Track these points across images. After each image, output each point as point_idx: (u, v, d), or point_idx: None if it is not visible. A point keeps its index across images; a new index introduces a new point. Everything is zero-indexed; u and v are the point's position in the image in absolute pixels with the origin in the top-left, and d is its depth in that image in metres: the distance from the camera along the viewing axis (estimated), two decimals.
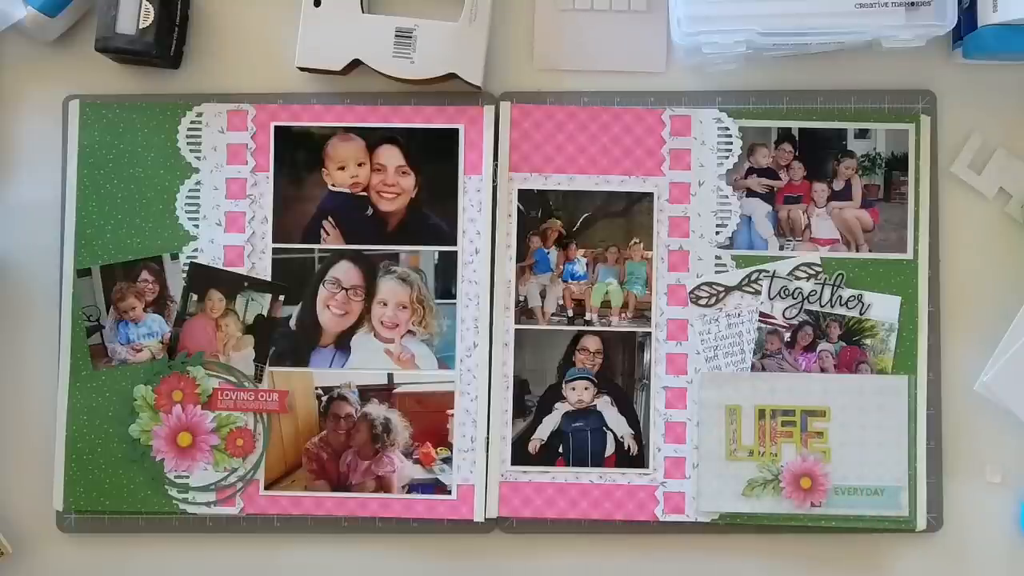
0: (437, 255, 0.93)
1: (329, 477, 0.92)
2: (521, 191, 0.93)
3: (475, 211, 0.92)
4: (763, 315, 0.92)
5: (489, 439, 0.92)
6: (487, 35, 0.91)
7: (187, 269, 0.93)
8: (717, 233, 0.93)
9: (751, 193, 0.93)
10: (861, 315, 0.92)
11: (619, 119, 0.93)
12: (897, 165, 0.92)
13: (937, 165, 0.92)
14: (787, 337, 0.92)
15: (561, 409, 0.92)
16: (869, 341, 0.92)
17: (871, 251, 0.92)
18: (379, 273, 0.93)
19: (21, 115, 0.95)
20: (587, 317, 0.93)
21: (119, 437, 0.92)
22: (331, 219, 0.93)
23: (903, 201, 0.92)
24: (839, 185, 0.93)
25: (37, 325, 0.94)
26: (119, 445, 0.92)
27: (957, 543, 0.91)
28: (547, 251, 0.93)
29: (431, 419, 0.92)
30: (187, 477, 0.92)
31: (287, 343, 0.93)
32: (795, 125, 0.92)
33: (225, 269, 0.93)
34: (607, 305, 0.93)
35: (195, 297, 0.93)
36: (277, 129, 0.93)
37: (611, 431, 0.92)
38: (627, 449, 0.92)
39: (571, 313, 0.93)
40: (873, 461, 0.91)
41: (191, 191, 0.93)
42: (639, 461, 0.92)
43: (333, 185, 0.93)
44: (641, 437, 0.92)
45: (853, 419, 0.91)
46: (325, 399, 0.92)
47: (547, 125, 0.93)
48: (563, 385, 0.92)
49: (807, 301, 0.92)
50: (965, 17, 0.89)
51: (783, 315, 0.92)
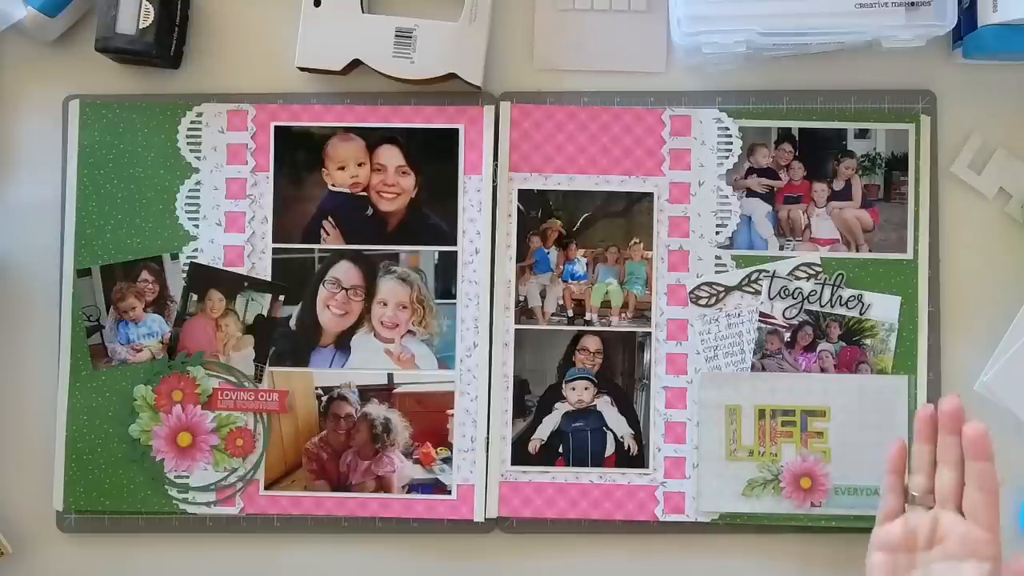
0: (437, 255, 0.93)
1: (329, 477, 0.92)
2: (521, 191, 0.93)
3: (475, 211, 0.92)
4: (763, 315, 0.92)
5: (489, 439, 0.92)
6: (487, 35, 0.91)
7: (187, 269, 0.92)
8: (717, 233, 0.93)
9: (751, 193, 0.93)
10: (861, 315, 0.91)
11: (619, 119, 0.93)
12: (897, 165, 0.92)
13: (937, 165, 0.92)
14: (787, 337, 0.92)
15: (561, 409, 0.92)
16: (869, 341, 0.92)
17: (871, 251, 0.92)
18: (379, 273, 0.93)
19: (21, 115, 0.95)
20: (587, 317, 0.93)
21: (119, 437, 0.92)
22: (331, 219, 0.93)
23: (903, 201, 0.92)
24: (839, 185, 0.92)
25: (37, 325, 0.94)
26: (119, 445, 0.92)
27: None
28: (547, 251, 0.93)
29: (431, 419, 0.92)
30: (187, 477, 0.92)
31: (287, 343, 0.93)
32: (795, 125, 0.92)
33: (225, 269, 0.93)
34: (607, 305, 0.93)
35: (195, 297, 0.93)
36: (277, 129, 0.93)
37: (611, 431, 0.92)
38: (627, 449, 0.92)
39: (571, 313, 0.93)
40: (873, 461, 0.90)
41: (191, 191, 0.93)
42: (639, 461, 0.92)
43: (333, 185, 0.93)
44: (641, 437, 0.92)
45: (853, 419, 0.91)
46: (325, 399, 0.92)
47: (547, 125, 0.93)
48: (563, 385, 0.92)
49: (807, 301, 0.92)
50: (965, 17, 0.89)
51: (783, 315, 0.92)
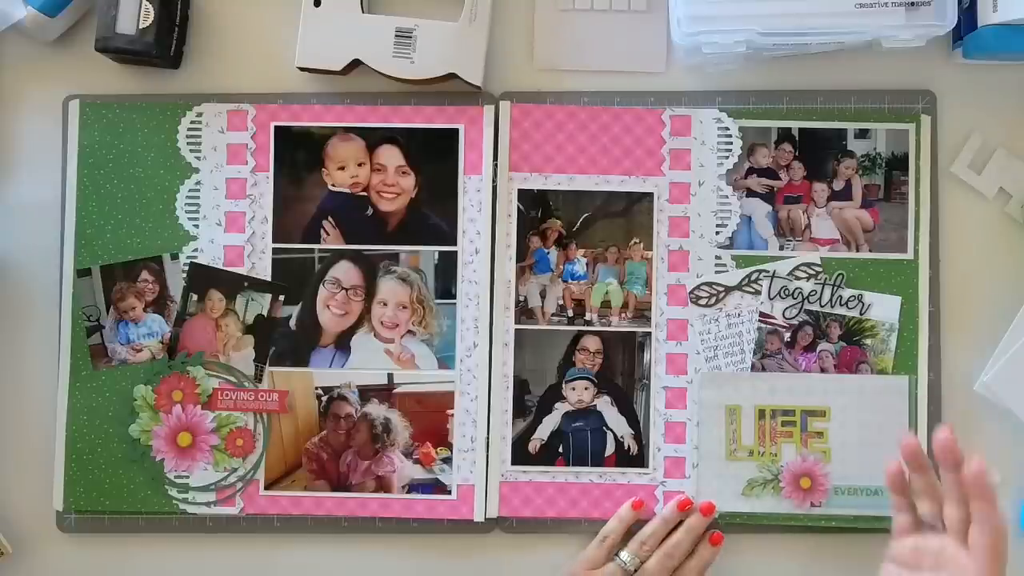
0: (437, 255, 0.93)
1: (329, 477, 0.92)
2: (521, 191, 0.93)
3: (475, 211, 0.92)
4: (763, 315, 0.92)
5: (489, 439, 0.92)
6: (487, 35, 0.91)
7: (187, 269, 0.93)
8: (717, 233, 0.92)
9: (751, 193, 0.93)
10: (861, 315, 0.91)
11: (619, 119, 0.93)
12: (897, 165, 0.92)
13: (937, 165, 0.92)
14: (787, 337, 0.92)
15: (561, 409, 0.92)
16: (869, 341, 0.92)
17: (871, 251, 0.92)
18: (379, 273, 0.93)
19: (21, 115, 0.95)
20: (587, 317, 0.93)
21: (119, 437, 0.92)
22: (331, 219, 0.93)
23: (903, 201, 0.92)
24: (839, 185, 0.92)
25: (37, 325, 0.94)
26: (119, 445, 0.92)
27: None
28: (547, 251, 0.93)
29: (431, 419, 0.92)
30: (187, 477, 0.92)
31: (287, 343, 0.93)
32: (795, 125, 0.92)
33: (225, 269, 0.93)
34: (607, 305, 0.93)
35: (195, 297, 0.93)
36: (277, 129, 0.93)
37: (611, 431, 0.92)
38: (627, 449, 0.92)
39: (571, 313, 0.93)
40: (873, 461, 0.91)
41: (191, 191, 0.93)
42: (639, 461, 0.92)
43: (333, 185, 0.93)
44: (641, 437, 0.92)
45: (853, 419, 0.91)
46: (325, 399, 0.92)
47: (547, 125, 0.93)
48: (563, 385, 0.92)
49: (807, 301, 0.92)
50: (965, 17, 0.89)
51: (783, 315, 0.92)
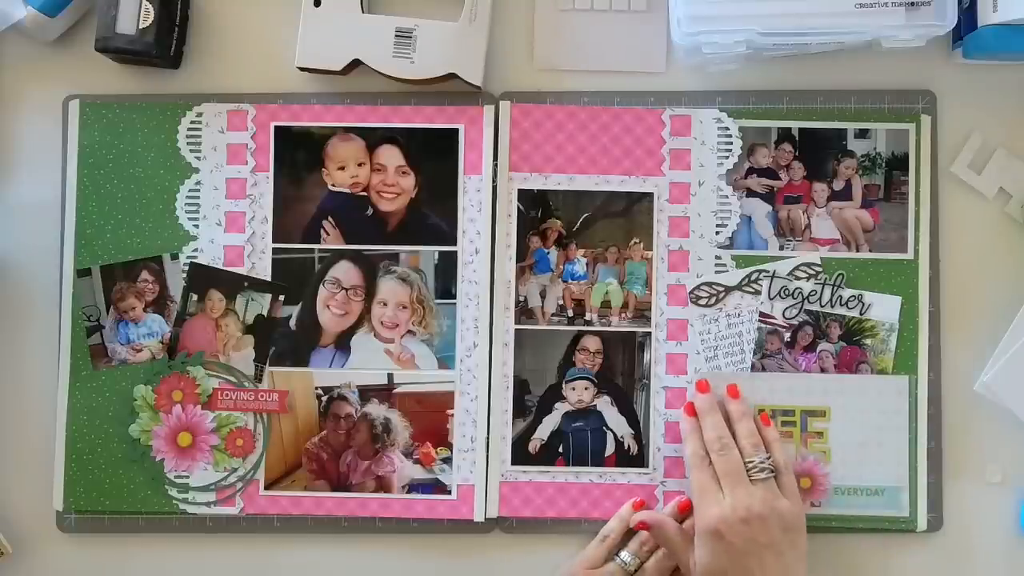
0: (437, 255, 0.93)
1: (329, 477, 0.92)
2: (521, 191, 0.93)
3: (475, 211, 0.92)
4: (763, 315, 0.92)
5: (489, 439, 0.92)
6: (487, 35, 0.91)
7: (187, 269, 0.92)
8: (717, 233, 0.92)
9: (751, 193, 0.93)
10: (861, 315, 0.91)
11: (619, 119, 0.93)
12: (897, 165, 0.92)
13: (937, 165, 0.92)
14: (787, 337, 0.92)
15: (561, 409, 0.92)
16: (869, 341, 0.92)
17: (871, 251, 0.92)
18: (379, 273, 0.93)
19: (21, 115, 0.95)
20: (587, 317, 0.93)
21: (119, 437, 0.92)
22: (331, 219, 0.93)
23: (903, 201, 0.92)
24: (839, 185, 0.92)
25: (37, 325, 0.94)
26: (119, 445, 0.92)
27: (957, 543, 0.91)
28: (547, 251, 0.93)
29: (431, 419, 0.92)
30: (187, 477, 0.92)
31: (287, 343, 0.93)
32: (795, 125, 0.92)
33: (225, 269, 0.93)
34: (607, 305, 0.93)
35: (195, 297, 0.93)
36: (277, 129, 0.93)
37: (611, 431, 0.92)
38: (627, 449, 0.92)
39: (571, 313, 0.93)
40: (873, 461, 0.91)
41: (191, 191, 0.93)
42: (639, 461, 0.92)
43: (333, 185, 0.93)
44: (641, 437, 0.92)
45: (853, 419, 0.91)
46: (325, 399, 0.92)
47: (547, 125, 0.93)
48: (563, 385, 0.92)
49: (807, 301, 0.92)
50: (965, 17, 0.89)
51: (783, 315, 0.92)
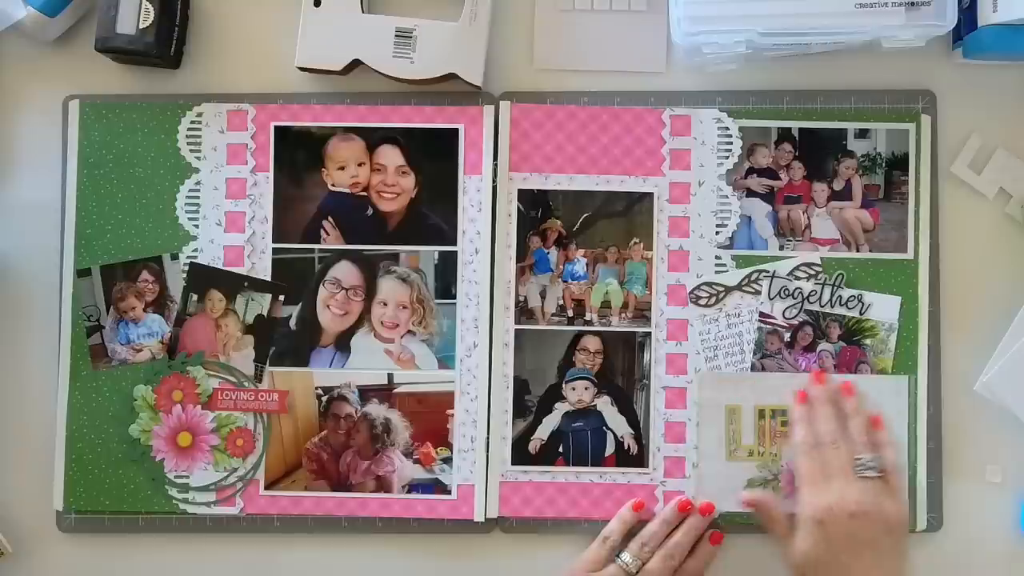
0: (437, 255, 0.93)
1: (329, 477, 0.92)
2: (521, 191, 0.93)
3: (475, 211, 0.92)
4: (763, 315, 0.92)
5: (489, 439, 0.92)
6: (487, 35, 0.91)
7: (187, 269, 0.93)
8: (717, 233, 0.92)
9: (751, 193, 0.93)
10: (861, 315, 0.91)
11: (619, 119, 0.93)
12: (897, 165, 0.92)
13: (937, 165, 0.92)
14: (787, 337, 0.92)
15: (561, 409, 0.92)
16: (869, 341, 0.92)
17: (871, 251, 0.92)
18: (379, 273, 0.93)
19: (21, 115, 0.95)
20: (587, 317, 0.93)
21: (119, 437, 0.92)
22: (331, 219, 0.93)
23: (903, 201, 0.92)
24: (839, 185, 0.92)
25: (37, 325, 0.94)
26: (119, 445, 0.92)
27: (957, 543, 0.91)
28: (547, 251, 0.93)
29: (431, 419, 0.92)
30: (187, 477, 0.92)
31: (287, 343, 0.93)
32: (795, 125, 0.92)
33: (225, 269, 0.93)
34: (607, 305, 0.93)
35: (195, 297, 0.93)
36: (277, 129, 0.93)
37: (611, 431, 0.92)
38: (627, 449, 0.92)
39: (571, 313, 0.93)
40: None
41: (191, 191, 0.93)
42: (639, 461, 0.92)
43: (333, 185, 0.93)
44: (641, 437, 0.92)
45: None
46: (325, 399, 0.92)
47: (547, 125, 0.93)
48: (563, 385, 0.92)
49: (807, 301, 0.92)
50: (965, 17, 0.89)
51: (783, 315, 0.92)
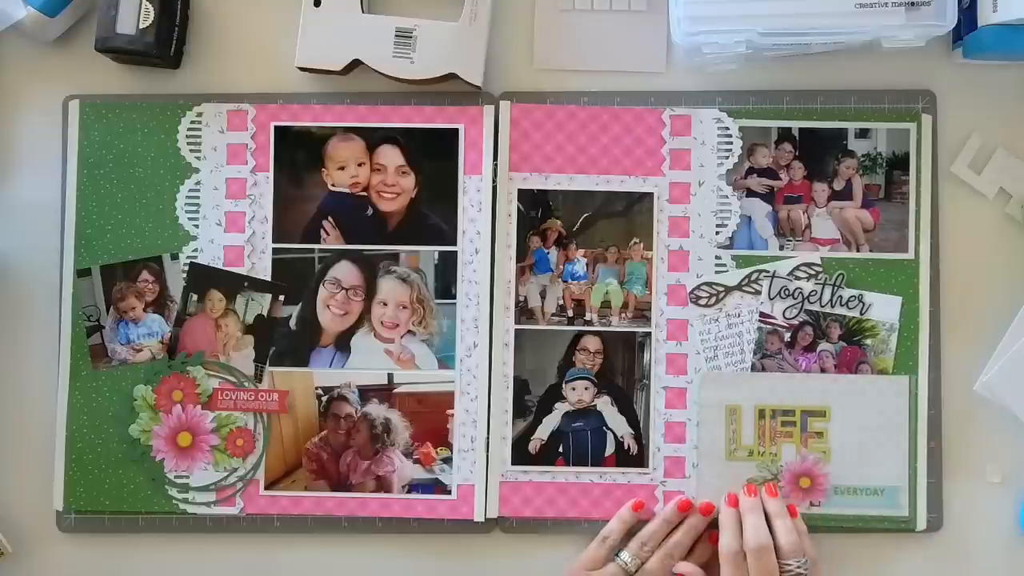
0: (437, 255, 0.93)
1: (329, 477, 0.92)
2: (521, 191, 0.93)
3: (475, 211, 0.92)
4: (763, 315, 0.92)
5: (489, 439, 0.92)
6: (487, 35, 0.91)
7: (187, 269, 0.93)
8: (717, 233, 0.92)
9: (751, 193, 0.93)
10: (861, 315, 0.91)
11: (619, 119, 0.93)
12: (898, 165, 0.92)
13: (937, 165, 0.92)
14: (787, 337, 0.92)
15: (561, 409, 0.92)
16: (870, 341, 0.92)
17: (872, 251, 0.92)
18: (379, 273, 0.93)
19: (21, 115, 0.95)
20: (587, 317, 0.93)
21: (119, 437, 0.92)
22: (331, 219, 0.93)
23: (904, 201, 0.92)
24: (839, 185, 0.92)
25: (37, 325, 0.94)
26: (119, 445, 0.92)
27: (957, 543, 0.91)
28: (547, 251, 0.93)
29: (431, 419, 0.92)
30: (187, 477, 0.92)
31: (287, 343, 0.93)
32: (795, 125, 0.92)
33: (225, 269, 0.93)
34: (607, 305, 0.93)
35: (195, 297, 0.93)
36: (277, 129, 0.93)
37: (611, 431, 0.92)
38: (627, 449, 0.92)
39: (571, 313, 0.93)
40: (873, 461, 0.91)
41: (191, 191, 0.93)
42: (639, 461, 0.92)
43: (333, 185, 0.93)
44: (641, 437, 0.92)
45: (853, 419, 0.91)
46: (325, 399, 0.92)
47: (547, 125, 0.93)
48: (563, 385, 0.92)
49: (807, 301, 0.92)
50: (965, 17, 0.89)
51: (783, 315, 0.92)
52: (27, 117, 0.95)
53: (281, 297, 0.93)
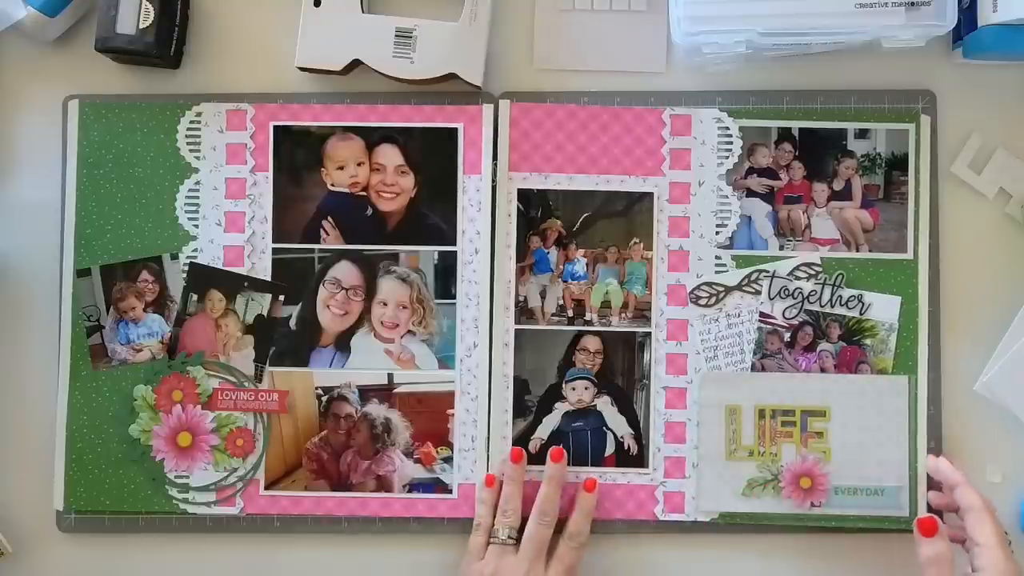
0: (437, 255, 0.93)
1: (329, 477, 0.92)
2: (521, 191, 0.93)
3: (475, 211, 0.92)
4: (763, 315, 0.92)
5: (490, 439, 0.92)
6: (487, 35, 0.91)
7: (187, 269, 0.93)
8: (717, 233, 0.92)
9: (751, 193, 0.93)
10: (861, 315, 0.91)
11: (619, 118, 0.92)
12: (897, 165, 0.92)
13: (937, 165, 0.92)
14: (787, 337, 0.92)
15: (561, 409, 0.92)
16: (869, 341, 0.92)
17: (871, 251, 0.92)
18: (379, 273, 0.93)
19: (21, 115, 0.95)
20: (587, 317, 0.93)
21: (119, 437, 0.92)
22: (331, 219, 0.93)
23: (903, 201, 0.92)
24: (839, 185, 0.92)
25: (37, 325, 0.94)
26: (119, 445, 0.92)
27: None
28: (547, 251, 0.93)
29: (431, 419, 0.92)
30: (187, 477, 0.92)
31: (287, 343, 0.93)
32: (795, 125, 0.92)
33: (225, 269, 0.93)
34: (607, 305, 0.93)
35: (195, 297, 0.93)
36: (276, 129, 0.93)
37: (611, 431, 0.92)
38: (627, 449, 0.92)
39: (571, 313, 0.93)
40: (873, 461, 0.91)
41: (191, 191, 0.93)
42: (639, 461, 0.92)
43: (332, 185, 0.93)
44: (641, 437, 0.92)
45: (853, 419, 0.91)
46: (325, 399, 0.92)
47: (547, 124, 0.93)
48: (563, 385, 0.92)
49: (807, 301, 0.92)
50: (965, 17, 0.89)
51: (783, 315, 0.92)
52: (27, 117, 0.95)
53: (281, 297, 0.93)
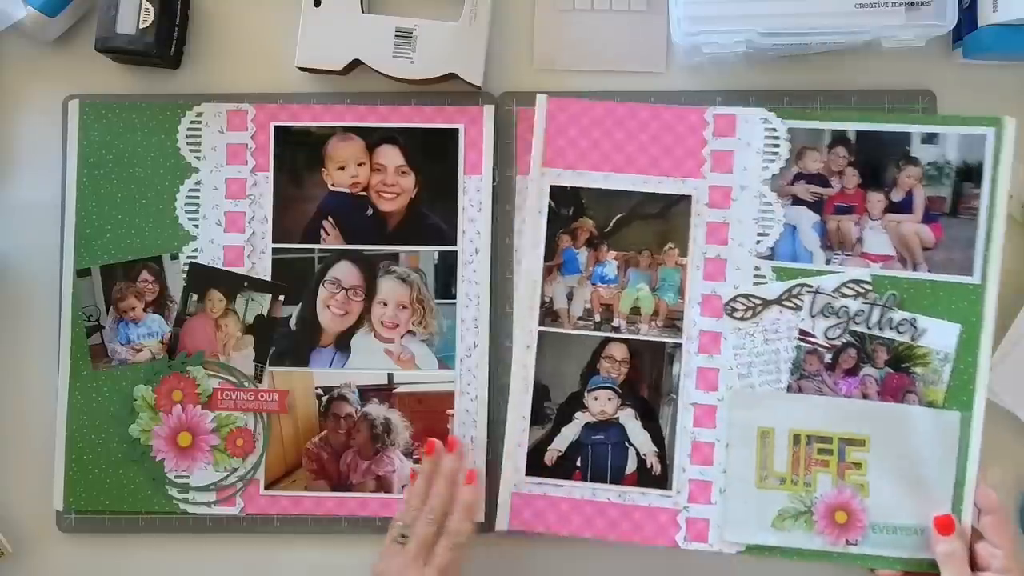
0: (437, 255, 0.92)
1: (329, 477, 0.92)
2: (553, 187, 0.90)
3: (475, 211, 0.92)
4: (803, 333, 0.88)
5: (504, 447, 0.90)
6: (487, 35, 0.91)
7: (187, 269, 0.93)
8: (758, 242, 0.89)
9: (797, 201, 0.89)
10: (913, 341, 0.87)
11: (659, 117, 0.90)
12: (970, 175, 0.87)
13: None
14: (828, 358, 0.88)
15: (581, 419, 0.90)
16: (920, 370, 0.87)
17: (930, 271, 0.87)
18: (379, 273, 0.92)
19: (21, 115, 0.95)
20: (615, 323, 0.90)
21: (119, 437, 0.92)
22: (331, 219, 0.93)
23: (973, 217, 0.87)
24: (898, 196, 0.88)
25: (37, 325, 0.94)
26: (119, 445, 0.92)
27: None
28: (577, 251, 0.91)
29: (431, 419, 0.92)
30: (187, 477, 0.92)
31: (287, 343, 0.93)
32: (852, 127, 0.88)
33: (225, 269, 0.93)
34: (636, 312, 0.90)
35: (195, 297, 0.93)
36: (277, 129, 0.93)
37: (633, 447, 0.90)
38: (649, 467, 0.90)
39: (598, 318, 0.91)
40: (915, 498, 0.86)
41: (191, 191, 0.93)
42: (662, 481, 0.89)
43: (333, 185, 0.93)
44: (665, 456, 0.89)
45: (895, 452, 0.87)
46: (325, 399, 0.92)
47: (583, 120, 0.90)
48: (585, 394, 0.90)
49: (852, 321, 0.88)
50: (965, 17, 0.88)
51: (825, 335, 0.88)
52: (27, 117, 0.95)
53: (281, 297, 0.93)
